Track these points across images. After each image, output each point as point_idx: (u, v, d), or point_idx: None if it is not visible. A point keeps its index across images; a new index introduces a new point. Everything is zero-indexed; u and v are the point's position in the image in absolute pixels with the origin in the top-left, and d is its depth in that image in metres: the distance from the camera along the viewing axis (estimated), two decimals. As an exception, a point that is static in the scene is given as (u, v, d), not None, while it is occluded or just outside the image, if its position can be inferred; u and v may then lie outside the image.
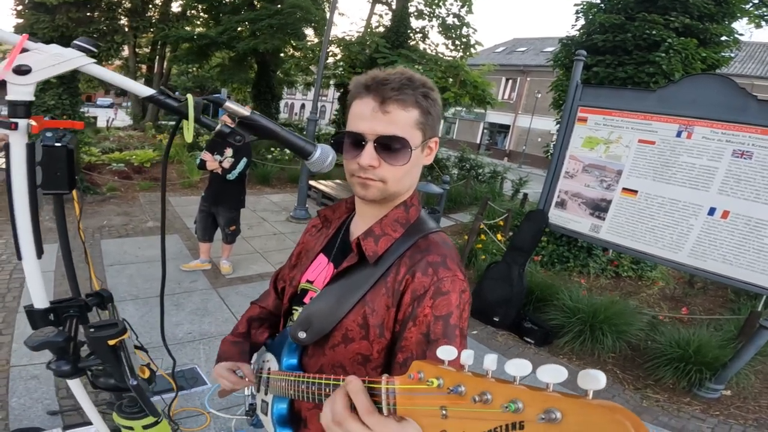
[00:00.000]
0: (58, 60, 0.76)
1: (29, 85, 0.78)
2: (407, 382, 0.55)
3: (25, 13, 5.95)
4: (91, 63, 0.78)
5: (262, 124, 0.76)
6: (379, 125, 0.77)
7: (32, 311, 0.96)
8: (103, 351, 0.89)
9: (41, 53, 0.76)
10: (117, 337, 0.90)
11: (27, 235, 0.87)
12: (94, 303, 1.07)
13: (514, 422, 0.40)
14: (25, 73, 0.75)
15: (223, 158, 3.88)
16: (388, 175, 0.80)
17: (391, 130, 0.77)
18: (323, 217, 1.02)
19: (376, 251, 0.83)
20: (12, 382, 2.49)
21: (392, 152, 0.78)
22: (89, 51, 0.77)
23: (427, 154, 0.86)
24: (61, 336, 0.90)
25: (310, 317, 0.85)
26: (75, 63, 0.76)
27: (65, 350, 0.93)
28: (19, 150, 0.84)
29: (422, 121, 0.80)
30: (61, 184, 1.24)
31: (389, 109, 0.76)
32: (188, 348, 3.06)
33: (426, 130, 0.81)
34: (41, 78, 0.77)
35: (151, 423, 1.09)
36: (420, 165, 0.86)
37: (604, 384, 0.35)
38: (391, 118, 0.77)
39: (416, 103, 0.78)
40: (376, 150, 0.77)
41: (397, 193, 0.85)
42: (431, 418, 0.49)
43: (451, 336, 0.77)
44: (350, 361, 0.83)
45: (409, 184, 0.86)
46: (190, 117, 0.71)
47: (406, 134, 0.78)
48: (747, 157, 2.83)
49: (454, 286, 0.78)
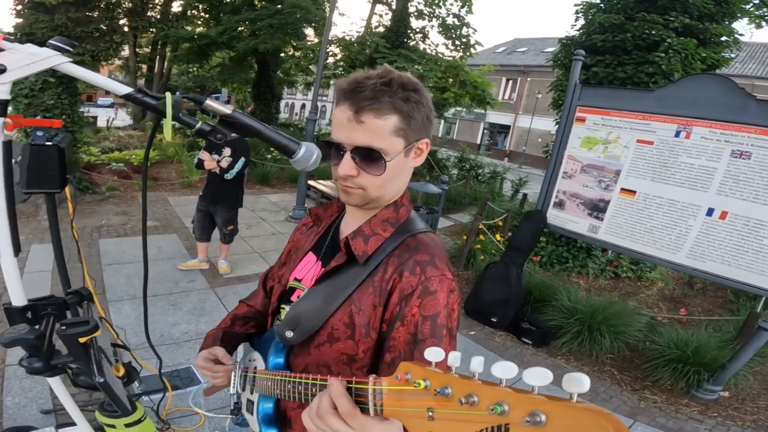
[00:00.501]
0: (33, 59, 0.76)
1: (5, 84, 0.78)
2: (394, 383, 0.55)
3: (24, 12, 5.95)
4: (67, 62, 0.77)
5: (243, 122, 0.75)
6: (355, 135, 0.76)
7: (10, 308, 0.97)
8: (75, 348, 0.89)
9: (16, 53, 0.76)
10: (88, 335, 0.90)
11: (4, 232, 0.87)
12: (73, 301, 1.06)
13: (500, 425, 0.40)
14: (1, 72, 0.75)
15: (221, 158, 3.88)
16: (366, 183, 0.79)
17: (366, 141, 0.75)
18: (314, 215, 1.02)
19: (365, 251, 0.82)
20: (7, 381, 2.49)
21: (369, 162, 0.77)
22: (64, 50, 0.77)
23: (416, 156, 0.84)
24: (33, 333, 0.90)
25: (297, 317, 0.85)
26: (50, 62, 0.76)
27: (38, 348, 0.93)
28: None
29: (402, 127, 0.77)
30: (53, 183, 1.24)
31: (363, 119, 0.75)
32: (184, 348, 3.05)
33: (409, 135, 0.79)
34: (16, 77, 0.77)
35: (133, 421, 1.09)
36: (407, 168, 0.84)
37: (587, 387, 0.35)
38: (366, 127, 0.75)
39: (394, 108, 0.75)
40: (354, 159, 0.77)
41: (380, 199, 0.84)
42: (418, 419, 0.50)
43: (438, 336, 0.76)
44: (335, 361, 0.83)
45: (395, 189, 0.85)
46: (168, 115, 0.71)
47: (383, 144, 0.76)
48: (746, 158, 2.82)
49: (442, 285, 0.77)
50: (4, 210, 0.85)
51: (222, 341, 1.03)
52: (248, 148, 4.04)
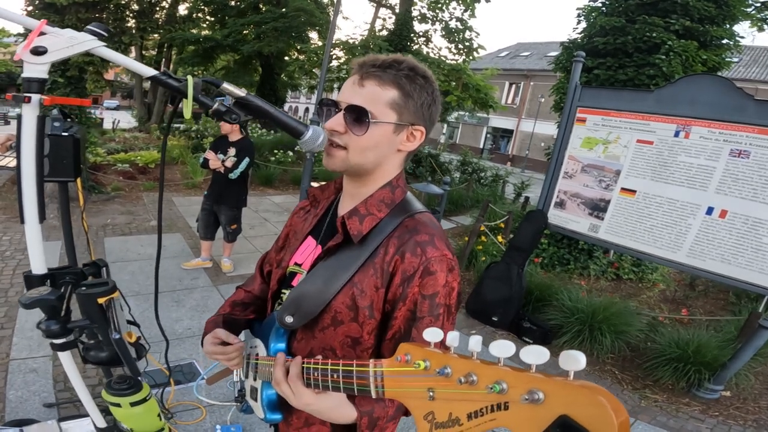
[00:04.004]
0: (71, 42, 0.83)
1: (44, 64, 0.85)
2: (395, 365, 0.56)
3: (35, 13, 6.07)
4: (102, 46, 0.84)
5: (256, 104, 0.80)
6: (353, 97, 0.80)
7: (30, 276, 1.01)
8: (93, 309, 0.92)
9: (57, 36, 0.83)
10: (106, 295, 0.93)
11: (32, 199, 0.92)
12: (90, 272, 1.10)
13: (499, 403, 0.41)
14: (42, 53, 0.82)
15: (225, 157, 3.93)
16: (350, 142, 0.82)
17: (359, 101, 0.79)
18: (312, 196, 1.02)
19: (360, 230, 0.83)
20: (11, 375, 2.53)
21: (356, 122, 0.80)
22: (100, 35, 0.83)
23: (405, 140, 0.85)
24: (53, 294, 0.94)
25: (296, 300, 0.85)
26: (86, 45, 0.83)
27: (56, 310, 0.96)
28: (30, 121, 0.91)
29: (399, 103, 0.80)
30: (68, 172, 1.28)
31: (365, 84, 0.80)
32: (187, 343, 3.08)
33: (403, 112, 0.81)
34: (56, 58, 0.84)
35: (138, 400, 1.12)
36: (394, 148, 0.85)
37: (584, 364, 0.36)
38: (364, 91, 0.80)
39: (395, 82, 0.79)
40: (345, 118, 0.81)
41: (359, 167, 0.85)
42: (419, 400, 0.51)
43: (436, 314, 0.79)
44: (340, 344, 0.84)
45: (376, 160, 0.85)
46: (189, 95, 0.76)
47: (374, 108, 0.79)
48: (744, 157, 2.84)
49: (441, 265, 0.80)
50: (33, 179, 0.90)
51: (223, 325, 1.03)
52: (253, 148, 4.10)
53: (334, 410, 0.76)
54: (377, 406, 0.80)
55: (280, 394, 0.77)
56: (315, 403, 0.73)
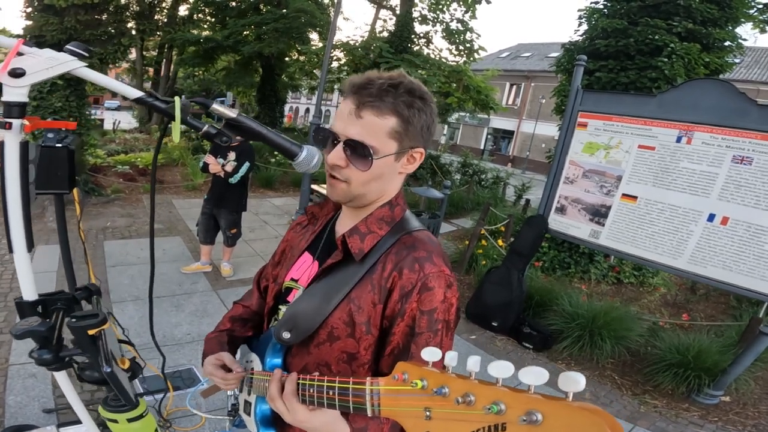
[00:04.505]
0: (51, 64, 0.79)
1: (23, 87, 0.81)
2: (392, 383, 0.56)
3: (34, 15, 6.03)
4: (83, 66, 0.81)
5: (248, 125, 0.78)
6: (351, 128, 0.78)
7: (21, 303, 1.00)
8: (83, 340, 0.91)
9: (35, 57, 0.79)
10: (97, 327, 0.93)
11: (18, 228, 0.90)
12: (82, 296, 1.10)
13: (497, 424, 0.40)
14: (20, 75, 0.78)
15: (226, 162, 3.92)
16: (352, 176, 0.81)
17: (359, 136, 0.77)
18: (310, 213, 1.02)
19: (362, 248, 0.83)
20: (10, 380, 2.52)
21: (358, 156, 0.79)
22: (81, 55, 0.80)
23: (408, 163, 0.85)
24: (44, 326, 0.93)
25: (294, 317, 0.85)
26: (67, 66, 0.79)
27: (48, 340, 0.96)
28: (13, 148, 0.88)
29: (399, 131, 0.79)
30: (62, 184, 1.27)
31: (363, 114, 0.77)
32: (186, 349, 3.08)
33: (404, 140, 0.80)
34: (35, 81, 0.80)
35: (135, 416, 1.11)
36: (395, 173, 0.85)
37: (583, 386, 0.36)
38: (363, 123, 0.77)
39: (394, 111, 0.78)
40: (345, 151, 0.79)
41: (362, 197, 0.85)
42: (415, 419, 0.50)
43: (434, 329, 0.79)
44: (335, 360, 0.83)
45: (379, 190, 0.85)
46: (176, 118, 0.74)
47: (375, 142, 0.78)
48: (747, 163, 2.82)
49: (439, 281, 0.79)
50: (19, 207, 0.88)
51: (228, 345, 1.04)
52: (253, 152, 4.09)
53: (328, 427, 0.76)
54: (372, 424, 0.79)
55: (274, 409, 0.77)
56: (309, 420, 0.73)
